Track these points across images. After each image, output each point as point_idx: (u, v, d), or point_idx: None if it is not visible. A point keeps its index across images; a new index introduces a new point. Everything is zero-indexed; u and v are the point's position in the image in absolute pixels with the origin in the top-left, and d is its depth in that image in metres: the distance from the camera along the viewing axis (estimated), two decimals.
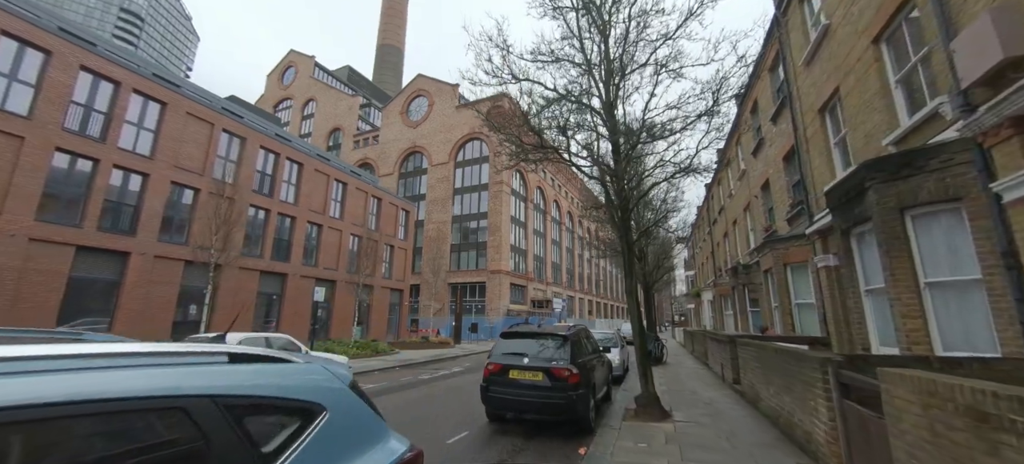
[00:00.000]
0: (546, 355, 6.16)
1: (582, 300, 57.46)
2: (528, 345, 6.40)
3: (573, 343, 6.32)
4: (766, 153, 12.71)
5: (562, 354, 6.11)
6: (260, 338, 8.16)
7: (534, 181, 45.94)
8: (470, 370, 14.39)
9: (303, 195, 21.64)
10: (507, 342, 6.59)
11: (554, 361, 6.03)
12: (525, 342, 6.49)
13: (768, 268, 11.11)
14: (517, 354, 6.28)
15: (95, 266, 13.87)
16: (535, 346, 6.34)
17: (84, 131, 13.81)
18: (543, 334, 6.48)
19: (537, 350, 6.27)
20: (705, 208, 25.99)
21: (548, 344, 6.31)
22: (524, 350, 6.32)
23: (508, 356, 6.31)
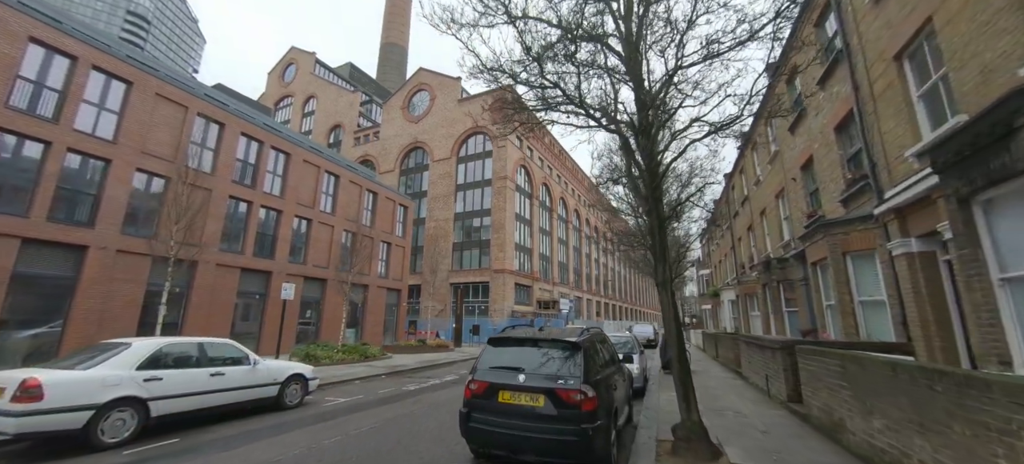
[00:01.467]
0: (550, 370, 4.43)
1: (590, 301, 55.51)
2: (525, 356, 4.67)
3: (586, 353, 4.58)
4: (809, 126, 10.86)
5: (572, 369, 4.38)
6: (191, 344, 6.52)
7: (540, 177, 44.21)
8: (465, 380, 12.66)
9: (290, 187, 20.11)
10: (497, 351, 4.86)
11: (561, 379, 4.29)
12: (522, 351, 4.76)
13: (818, 260, 9.27)
14: (510, 369, 4.55)
15: (45, 261, 12.38)
16: (535, 357, 4.61)
17: (33, 110, 12.33)
18: (546, 340, 4.74)
19: (538, 363, 4.54)
20: (724, 200, 24.04)
21: (552, 355, 4.57)
22: (520, 362, 4.59)
23: (498, 371, 4.59)
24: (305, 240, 20.99)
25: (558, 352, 4.57)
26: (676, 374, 5.00)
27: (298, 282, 19.98)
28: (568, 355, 4.51)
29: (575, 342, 4.58)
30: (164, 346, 6.12)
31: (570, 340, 4.61)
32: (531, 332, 5.10)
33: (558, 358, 4.52)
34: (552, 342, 4.66)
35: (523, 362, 4.57)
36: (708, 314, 35.55)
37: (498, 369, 4.60)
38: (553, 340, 4.67)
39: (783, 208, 13.93)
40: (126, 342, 5.94)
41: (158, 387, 5.79)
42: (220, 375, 6.55)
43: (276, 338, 18.49)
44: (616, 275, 69.28)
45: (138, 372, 5.66)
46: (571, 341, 4.60)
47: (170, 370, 6.02)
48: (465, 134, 40.29)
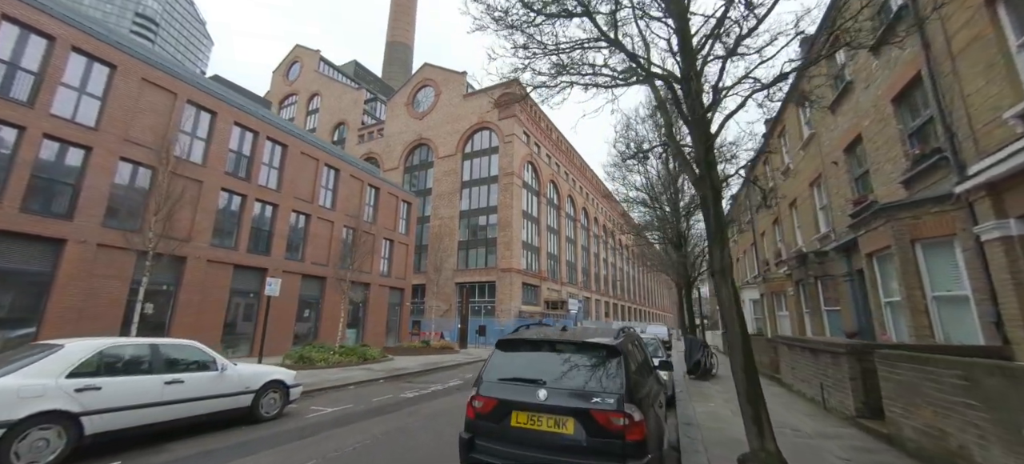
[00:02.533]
0: (579, 384, 3.31)
1: (598, 301, 54.22)
2: (546, 363, 3.55)
3: (628, 362, 3.44)
4: (857, 101, 9.63)
5: (609, 382, 3.25)
6: (141, 345, 5.47)
7: (547, 174, 43.07)
8: (470, 385, 11.56)
9: (287, 180, 19.17)
10: (509, 358, 3.74)
11: (596, 397, 3.17)
12: (540, 358, 3.63)
13: (875, 250, 8.04)
14: (526, 382, 3.43)
15: (17, 255, 11.49)
16: (558, 365, 3.49)
17: (6, 93, 11.46)
18: (572, 344, 3.60)
19: (562, 374, 3.42)
20: (743, 193, 22.71)
21: (582, 363, 3.45)
22: (539, 373, 3.47)
23: (510, 385, 3.48)
24: (303, 236, 20.05)
25: (589, 359, 3.45)
26: (743, 390, 3.85)
27: (295, 280, 19.04)
28: (604, 364, 3.38)
29: (613, 346, 3.45)
30: (106, 348, 5.08)
31: (606, 343, 3.48)
32: (551, 333, 3.98)
33: (589, 367, 3.40)
34: (581, 346, 3.54)
35: (543, 372, 3.45)
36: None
37: (510, 381, 3.49)
38: (583, 344, 3.54)
39: (819, 197, 12.67)
40: (57, 344, 4.92)
41: (95, 399, 4.75)
42: (178, 383, 5.51)
43: (274, 338, 17.56)
44: (625, 275, 67.89)
45: (69, 380, 4.63)
46: (607, 344, 3.47)
47: (112, 378, 4.98)
48: (471, 130, 39.28)
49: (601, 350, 3.46)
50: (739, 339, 4.02)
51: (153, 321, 14.19)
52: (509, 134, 36.93)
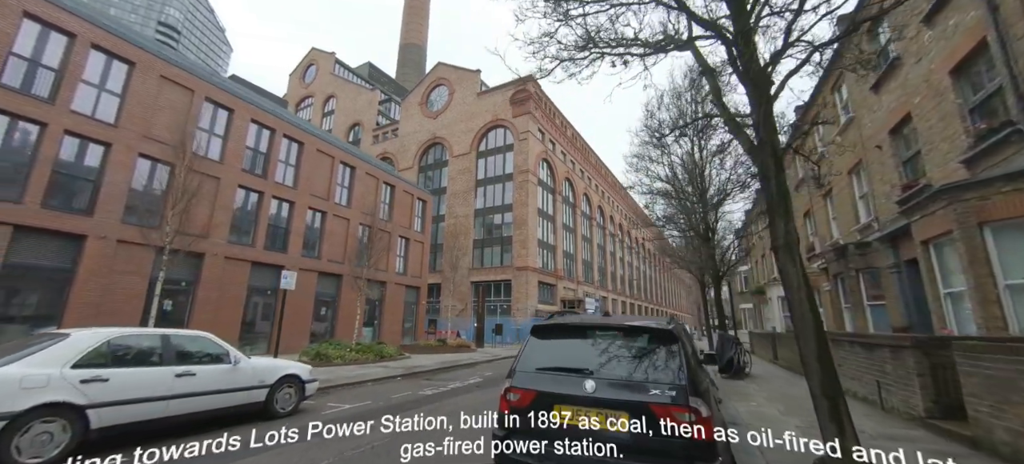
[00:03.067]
0: (630, 374, 2.86)
1: (615, 300, 53.31)
2: (590, 351, 3.11)
3: (684, 345, 2.98)
4: (905, 78, 8.93)
5: (667, 371, 2.81)
6: (152, 336, 5.22)
7: (563, 171, 42.51)
8: (491, 382, 11.18)
9: (303, 177, 19.10)
10: (547, 345, 3.31)
11: (654, 389, 2.71)
12: (584, 345, 3.19)
13: (934, 237, 7.36)
14: (569, 371, 3.00)
15: (40, 251, 11.54)
16: (604, 353, 3.05)
17: (28, 90, 11.52)
18: (619, 328, 3.16)
19: (608, 361, 2.98)
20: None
21: (630, 349, 3.00)
22: (583, 361, 3.04)
23: (550, 375, 3.05)
24: (319, 233, 19.97)
25: (641, 346, 3.00)
26: (819, 383, 3.35)
27: (312, 278, 18.96)
28: (658, 351, 2.93)
29: (667, 330, 3.00)
30: (114, 338, 4.83)
31: (660, 327, 3.03)
32: (592, 319, 3.54)
33: (641, 355, 2.95)
34: (631, 331, 3.09)
35: (588, 361, 3.01)
36: (748, 314, 33.08)
37: (550, 371, 3.06)
38: (632, 328, 3.10)
39: (859, 185, 11.93)
40: (63, 332, 4.68)
41: (102, 391, 4.49)
42: (189, 376, 5.23)
43: (291, 335, 17.48)
44: (641, 274, 66.83)
45: (74, 371, 4.38)
46: (661, 328, 3.02)
47: (120, 369, 4.72)
48: (485, 128, 38.99)
49: (654, 335, 3.01)
50: (811, 324, 3.51)
51: (172, 318, 14.18)
52: (524, 131, 36.51)
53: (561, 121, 44.29)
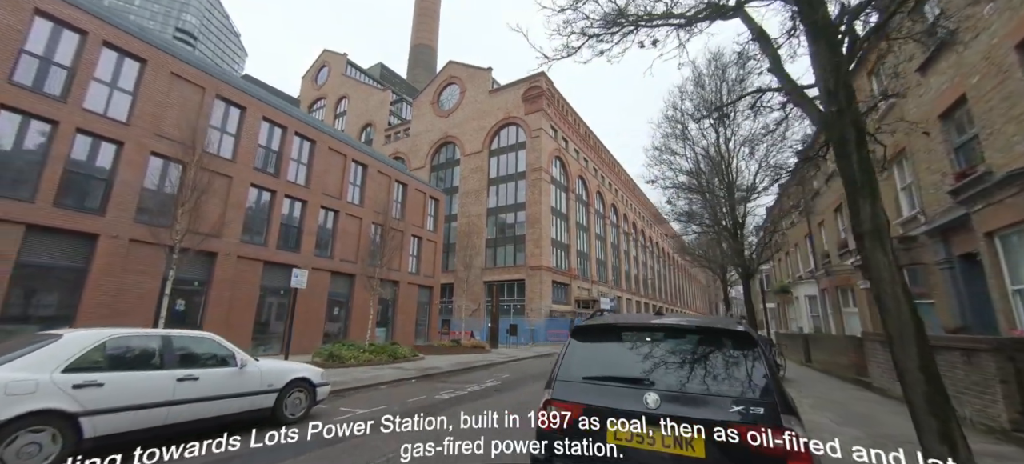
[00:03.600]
0: (700, 384, 2.35)
1: (629, 301, 52.45)
2: (643, 356, 2.60)
3: (764, 350, 2.45)
4: (960, 57, 8.19)
5: (746, 384, 2.30)
6: (151, 337, 4.85)
7: (576, 169, 41.87)
8: (509, 386, 10.70)
9: (315, 176, 18.88)
10: (591, 350, 2.81)
11: (735, 405, 2.20)
12: (634, 350, 2.68)
13: (1000, 228, 6.67)
14: (624, 381, 2.49)
15: (52, 250, 11.43)
16: (661, 359, 2.53)
17: (40, 88, 11.42)
18: (680, 329, 2.64)
19: (671, 370, 2.46)
20: (795, 181, 20.93)
21: (698, 356, 2.48)
22: (638, 370, 2.52)
23: (600, 386, 2.53)
24: (332, 233, 19.74)
25: (710, 351, 2.48)
26: (922, 394, 2.79)
27: (325, 277, 18.74)
28: (734, 357, 2.42)
29: (744, 333, 2.48)
30: (111, 339, 4.46)
31: (733, 328, 2.51)
32: (644, 317, 3.02)
33: (714, 363, 2.43)
34: (696, 332, 2.57)
35: (645, 369, 2.51)
36: (771, 314, 32.02)
37: (600, 381, 2.55)
38: (698, 329, 2.58)
39: (901, 176, 11.16)
40: (55, 333, 4.33)
41: (96, 397, 4.12)
42: (192, 380, 4.85)
43: (304, 336, 17.25)
44: (656, 273, 65.73)
45: (66, 375, 4.01)
46: (735, 329, 2.50)
47: (117, 373, 4.36)
48: (497, 125, 38.57)
49: (727, 337, 2.49)
50: (911, 327, 2.93)
51: (184, 318, 14.04)
52: (536, 128, 36.00)
53: (574, 118, 43.67)
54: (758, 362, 2.36)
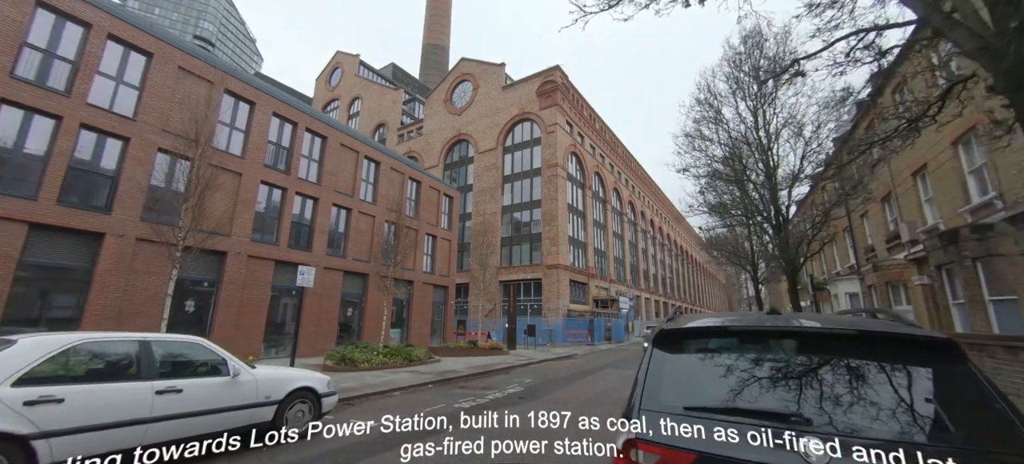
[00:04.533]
0: (891, 424, 1.48)
1: (648, 300, 51.14)
2: (775, 378, 1.74)
3: (975, 364, 1.57)
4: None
5: (973, 421, 1.40)
6: (125, 342, 4.17)
7: (592, 165, 40.80)
8: (534, 393, 9.88)
9: (327, 173, 18.35)
10: (691, 365, 1.95)
11: (968, 456, 1.33)
12: (760, 365, 1.82)
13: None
14: (760, 417, 1.62)
15: (57, 250, 11.02)
16: (804, 377, 1.67)
17: (43, 82, 11.03)
18: (835, 335, 1.77)
19: (830, 398, 1.60)
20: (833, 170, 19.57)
21: (871, 376, 1.61)
22: (775, 399, 1.67)
23: (715, 422, 1.65)
24: (345, 231, 19.20)
25: (888, 367, 1.61)
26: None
27: (338, 277, 18.20)
28: (934, 376, 1.55)
29: (944, 340, 1.61)
30: (74, 345, 3.78)
31: (925, 335, 1.64)
32: (768, 318, 2.13)
33: (896, 386, 1.57)
34: (861, 340, 1.70)
35: (786, 398, 1.65)
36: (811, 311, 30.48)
37: (715, 415, 1.69)
38: (864, 335, 1.71)
39: (969, 157, 9.97)
40: (7, 340, 3.66)
41: (53, 415, 3.44)
42: (174, 393, 4.15)
43: (317, 338, 16.73)
44: (675, 272, 64.11)
45: (15, 390, 3.34)
46: (929, 336, 1.63)
47: (82, 385, 3.68)
48: (511, 122, 37.75)
49: (917, 349, 1.62)
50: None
51: (193, 319, 13.58)
52: (552, 124, 35.08)
53: (589, 113, 42.60)
54: (979, 383, 1.49)
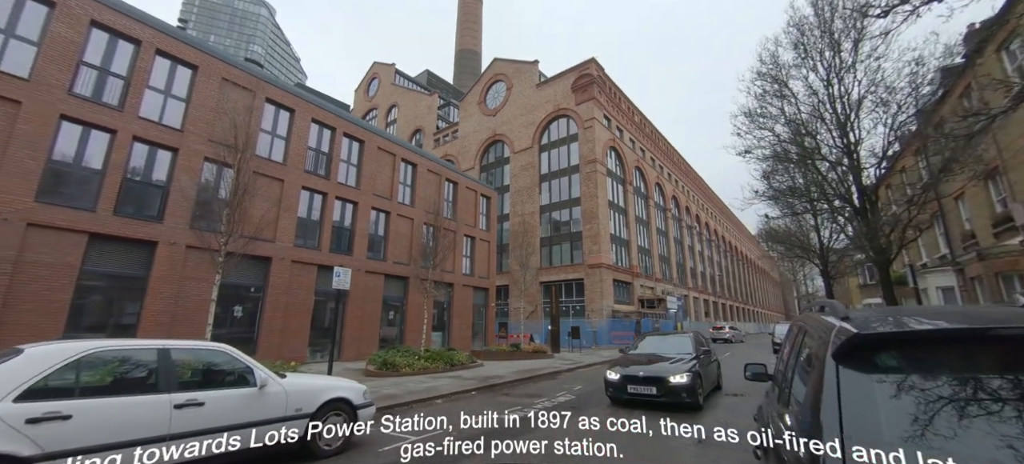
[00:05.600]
0: None
1: (697, 299, 48.50)
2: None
3: None
4: None
5: None
6: (143, 351, 3.78)
7: (632, 160, 39.18)
8: (585, 401, 9.03)
9: (365, 177, 18.34)
10: (922, 397, 1.14)
11: None
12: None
13: None
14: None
15: (114, 258, 11.41)
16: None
17: (98, 98, 11.48)
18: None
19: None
20: (911, 150, 17.30)
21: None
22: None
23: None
24: (384, 234, 19.12)
25: None
26: None
27: (379, 280, 18.12)
28: None
29: None
30: (86, 355, 3.41)
31: None
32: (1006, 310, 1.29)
33: None
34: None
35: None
36: None
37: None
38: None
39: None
40: (14, 351, 3.33)
41: (60, 433, 3.06)
42: (195, 407, 3.72)
43: (359, 342, 16.66)
44: (723, 270, 60.61)
45: (18, 406, 2.97)
46: None
47: (92, 400, 3.29)
48: (546, 119, 36.91)
49: None
50: None
51: (242, 324, 13.79)
52: (589, 119, 33.92)
53: (627, 106, 41.00)
54: None
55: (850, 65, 9.56)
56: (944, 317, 1.50)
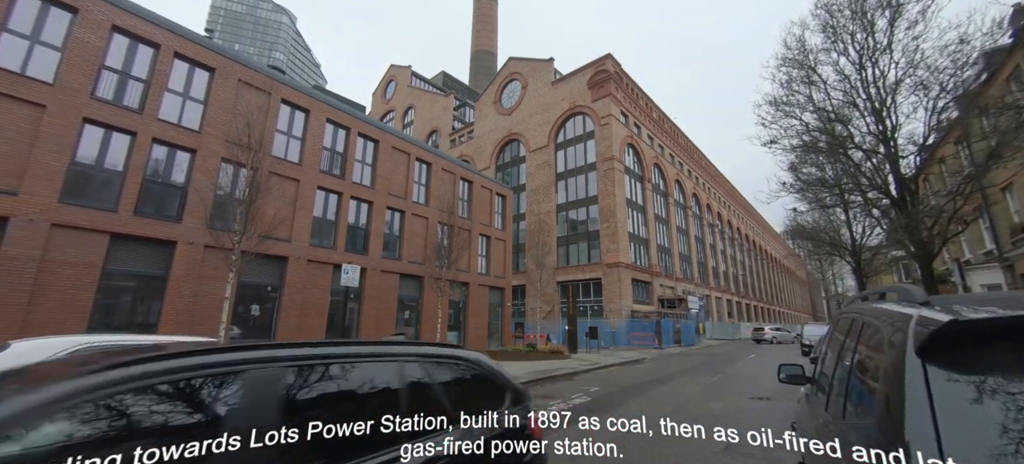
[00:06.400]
0: None
1: (719, 299, 47.21)
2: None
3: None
4: None
5: None
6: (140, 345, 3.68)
7: (650, 157, 38.37)
8: (602, 404, 8.66)
9: (380, 176, 18.35)
10: None
11: None
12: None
13: None
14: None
15: (135, 258, 11.61)
16: None
17: (120, 100, 11.72)
18: None
19: None
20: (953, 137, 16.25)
21: None
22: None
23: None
24: (399, 233, 19.10)
25: None
26: None
27: (394, 280, 18.08)
28: None
29: None
30: (74, 352, 3.28)
31: None
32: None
33: None
34: None
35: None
36: None
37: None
38: None
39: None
40: (1, 345, 3.22)
41: None
42: None
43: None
44: (747, 269, 58.89)
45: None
46: None
47: None
48: (562, 117, 36.50)
49: None
50: None
51: (259, 323, 13.91)
52: (605, 115, 33.37)
53: (645, 102, 40.20)
54: None
55: (885, 46, 8.92)
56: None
